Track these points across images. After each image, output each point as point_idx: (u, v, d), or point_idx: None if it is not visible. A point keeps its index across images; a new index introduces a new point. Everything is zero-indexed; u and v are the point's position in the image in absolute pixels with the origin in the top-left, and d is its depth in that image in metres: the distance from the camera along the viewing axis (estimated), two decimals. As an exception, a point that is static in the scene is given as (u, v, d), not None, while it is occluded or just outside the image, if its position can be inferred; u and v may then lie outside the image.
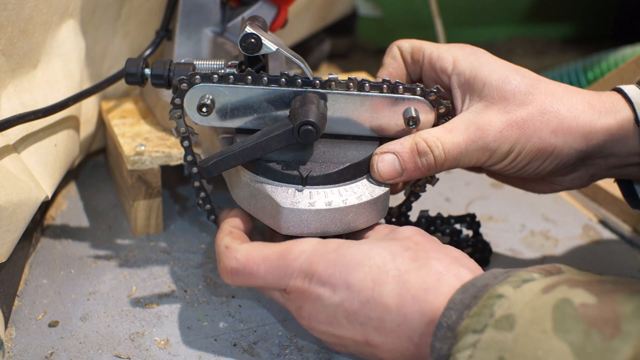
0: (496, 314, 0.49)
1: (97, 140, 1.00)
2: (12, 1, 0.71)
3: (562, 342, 0.44)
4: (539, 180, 0.73)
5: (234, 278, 0.63)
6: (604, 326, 0.44)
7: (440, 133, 0.66)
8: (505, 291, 0.50)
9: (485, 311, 0.49)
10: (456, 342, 0.50)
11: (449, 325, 0.51)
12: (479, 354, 0.48)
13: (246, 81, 0.67)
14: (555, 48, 1.66)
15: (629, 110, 0.66)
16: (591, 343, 0.44)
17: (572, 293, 0.47)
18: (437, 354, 0.51)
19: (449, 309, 0.52)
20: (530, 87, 0.66)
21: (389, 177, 0.66)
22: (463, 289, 0.53)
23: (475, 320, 0.49)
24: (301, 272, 0.60)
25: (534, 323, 0.46)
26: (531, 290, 0.49)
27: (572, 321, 0.45)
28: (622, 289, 0.46)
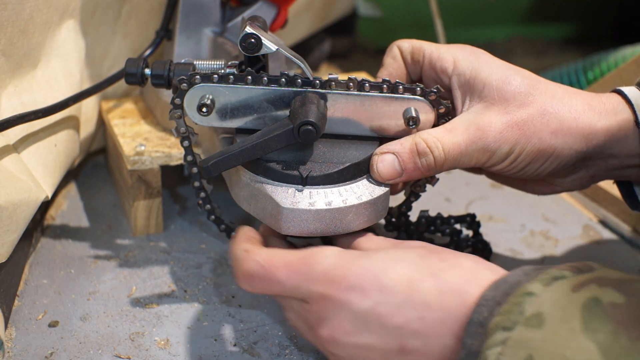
0: (526, 312, 0.48)
1: (97, 140, 1.00)
2: (12, 1, 0.71)
3: (590, 342, 0.45)
4: (538, 181, 0.73)
5: (253, 283, 0.60)
6: (631, 327, 0.44)
7: (441, 133, 0.66)
8: (535, 289, 0.50)
9: (516, 308, 0.49)
10: (486, 339, 0.49)
11: (480, 321, 0.51)
12: (508, 351, 0.47)
13: (246, 81, 0.67)
14: (555, 48, 1.66)
15: (629, 111, 0.66)
16: (618, 343, 0.44)
17: (602, 292, 0.47)
18: (467, 349, 0.51)
19: (480, 305, 0.51)
20: (530, 88, 0.66)
21: (389, 177, 0.66)
22: (495, 285, 0.52)
23: (506, 317, 0.49)
24: (325, 276, 0.57)
25: (563, 322, 0.46)
26: (561, 288, 0.49)
27: (601, 321, 0.45)
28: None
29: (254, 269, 0.59)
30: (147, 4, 0.96)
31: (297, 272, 0.58)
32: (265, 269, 0.59)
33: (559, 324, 0.47)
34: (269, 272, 0.59)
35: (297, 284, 0.58)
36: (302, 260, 0.58)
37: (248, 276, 0.60)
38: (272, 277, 0.59)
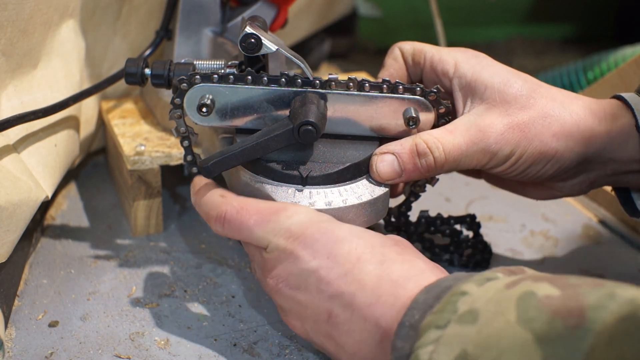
0: (459, 310, 0.48)
1: (97, 140, 1.00)
2: (12, 1, 0.71)
3: (526, 331, 0.44)
4: (538, 185, 0.73)
5: (225, 225, 0.63)
6: (567, 316, 0.43)
7: (441, 134, 0.66)
8: (469, 289, 0.50)
9: (449, 307, 0.49)
10: (418, 339, 0.49)
11: (412, 324, 0.51)
12: (441, 348, 0.47)
13: (246, 81, 0.67)
14: (555, 48, 1.66)
15: (630, 116, 0.66)
16: (555, 331, 0.43)
17: (536, 286, 0.47)
18: (398, 352, 0.51)
19: (412, 309, 0.52)
20: (531, 91, 0.66)
21: (388, 177, 0.66)
22: (426, 289, 0.53)
23: (439, 316, 0.49)
24: (288, 232, 0.60)
25: (498, 314, 0.46)
26: (495, 287, 0.49)
27: (536, 311, 0.45)
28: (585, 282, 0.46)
29: (229, 212, 0.63)
30: (147, 4, 0.96)
31: (265, 221, 0.61)
32: (238, 212, 0.63)
33: (493, 317, 0.46)
34: (241, 216, 0.62)
35: (263, 233, 0.61)
36: (274, 211, 0.62)
37: (222, 218, 0.63)
38: (243, 221, 0.62)
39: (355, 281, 0.56)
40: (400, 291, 0.55)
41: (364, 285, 0.56)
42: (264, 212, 0.62)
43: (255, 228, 0.62)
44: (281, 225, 0.61)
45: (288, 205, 0.62)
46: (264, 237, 0.61)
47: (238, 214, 0.63)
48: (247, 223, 0.62)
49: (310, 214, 0.61)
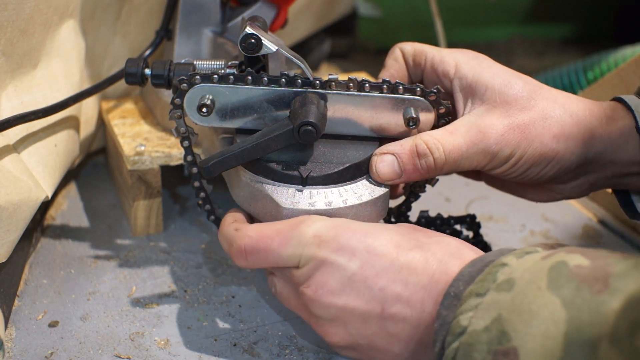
0: (498, 279, 0.51)
1: (97, 140, 1.00)
2: (12, 1, 0.71)
3: (555, 297, 0.47)
4: (538, 187, 0.73)
5: (249, 257, 0.62)
6: (594, 282, 0.46)
7: (441, 135, 0.66)
8: (508, 261, 0.52)
9: (489, 277, 0.52)
10: (460, 306, 0.51)
11: (456, 293, 0.53)
12: (479, 313, 0.50)
13: (246, 81, 0.67)
14: (555, 48, 1.66)
15: (630, 118, 0.67)
16: (581, 296, 0.46)
17: (569, 257, 0.49)
18: (442, 320, 0.53)
19: (457, 280, 0.54)
20: (532, 93, 0.67)
21: (388, 178, 0.66)
22: (472, 263, 0.55)
23: (479, 285, 0.51)
24: (317, 238, 0.59)
25: (531, 283, 0.49)
26: (533, 259, 0.52)
27: (565, 279, 0.48)
28: (615, 255, 0.49)
29: (248, 243, 0.62)
30: (147, 4, 0.96)
31: (289, 238, 0.60)
32: (258, 240, 0.61)
33: (526, 285, 0.49)
34: (262, 243, 0.61)
35: (291, 251, 0.60)
36: (292, 226, 0.61)
37: (243, 251, 0.62)
38: (265, 247, 0.61)
39: (404, 268, 0.57)
40: (450, 267, 0.56)
41: (413, 269, 0.57)
42: (283, 231, 0.61)
43: (281, 250, 0.60)
44: (306, 235, 0.60)
45: (304, 217, 0.61)
46: (293, 254, 0.60)
47: (258, 243, 0.61)
48: (271, 248, 0.61)
49: (328, 220, 0.61)
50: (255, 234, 0.62)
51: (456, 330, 0.51)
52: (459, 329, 0.50)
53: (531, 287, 0.49)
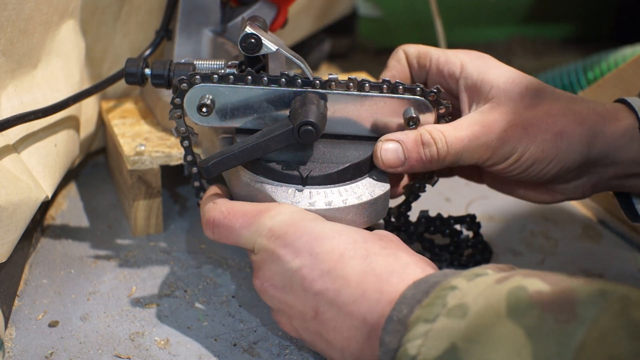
0: (449, 304, 0.48)
1: (97, 140, 1.00)
2: (12, 1, 0.71)
3: (517, 326, 0.44)
4: (540, 187, 0.73)
5: (215, 231, 0.65)
6: (558, 311, 0.43)
7: (445, 127, 0.66)
8: (458, 283, 0.50)
9: (438, 302, 0.49)
10: (406, 333, 0.49)
11: (400, 318, 0.51)
12: (430, 342, 0.47)
13: (246, 81, 0.67)
14: (555, 48, 1.66)
15: (633, 118, 0.67)
16: (546, 326, 0.43)
17: (527, 281, 0.47)
18: (386, 347, 0.51)
19: (399, 303, 0.52)
20: (536, 91, 0.67)
21: (392, 164, 0.66)
22: (415, 285, 0.53)
23: (427, 310, 0.49)
24: (270, 232, 0.61)
25: (487, 309, 0.46)
26: (485, 282, 0.49)
27: (526, 306, 0.45)
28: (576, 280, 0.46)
29: (216, 217, 0.64)
30: (147, 4, 0.96)
31: (249, 223, 0.62)
32: (225, 216, 0.64)
33: (483, 311, 0.46)
34: (227, 220, 0.64)
35: (248, 235, 0.62)
36: (257, 212, 0.62)
37: (211, 223, 0.65)
38: (230, 224, 0.63)
39: (340, 277, 0.57)
40: (385, 286, 0.55)
41: (348, 281, 0.56)
42: (249, 214, 0.63)
43: (241, 231, 0.63)
44: (264, 225, 0.61)
45: (272, 206, 0.63)
46: (249, 239, 0.62)
47: (225, 218, 0.64)
48: (234, 227, 0.63)
49: (293, 213, 0.62)
50: (225, 209, 0.64)
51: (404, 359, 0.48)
52: (406, 358, 0.48)
53: (489, 314, 0.45)
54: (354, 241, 0.59)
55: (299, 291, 0.59)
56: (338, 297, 0.56)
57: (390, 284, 0.55)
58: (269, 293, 0.61)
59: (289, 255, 0.59)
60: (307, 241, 0.59)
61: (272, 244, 0.60)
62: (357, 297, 0.55)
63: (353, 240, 0.59)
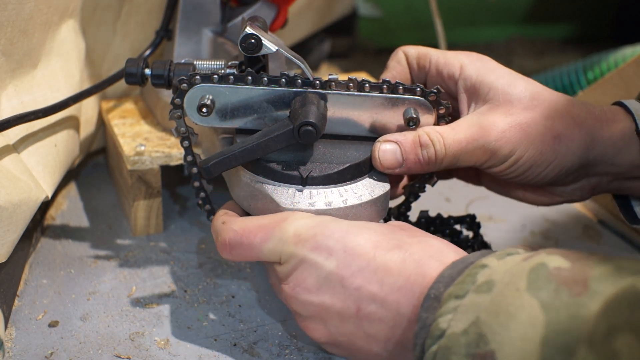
0: (478, 281, 0.51)
1: (97, 140, 1.00)
2: (12, 1, 0.71)
3: (533, 299, 0.47)
4: (539, 190, 0.73)
5: (233, 251, 0.63)
6: (573, 285, 0.46)
7: (443, 129, 0.66)
8: (489, 262, 0.52)
9: (469, 279, 0.51)
10: (439, 308, 0.51)
11: (436, 295, 0.52)
12: (458, 316, 0.49)
13: (246, 81, 0.67)
14: (555, 48, 1.66)
15: (630, 121, 0.67)
16: (559, 299, 0.46)
17: (549, 258, 0.49)
18: (422, 323, 0.52)
19: (437, 282, 0.53)
20: (535, 94, 0.67)
21: (389, 166, 0.66)
22: (453, 264, 0.54)
23: (459, 287, 0.51)
24: (296, 237, 0.60)
25: (510, 284, 0.49)
26: (513, 260, 0.51)
27: (544, 281, 0.48)
28: (596, 256, 0.49)
29: (231, 237, 0.63)
30: (147, 4, 0.96)
31: (270, 235, 0.61)
32: (241, 234, 0.62)
33: (505, 287, 0.49)
34: (244, 237, 0.62)
35: (272, 247, 0.61)
36: (275, 222, 0.61)
37: (227, 245, 0.63)
38: (248, 241, 0.62)
39: (380, 269, 0.57)
40: (427, 269, 0.56)
41: (389, 270, 0.57)
42: (266, 227, 0.62)
43: (263, 245, 0.61)
44: (287, 232, 0.60)
45: (288, 214, 0.62)
46: (273, 250, 0.61)
47: (242, 237, 0.62)
48: (253, 243, 0.62)
49: (313, 217, 0.62)
50: (239, 228, 0.63)
51: (435, 333, 0.50)
52: (438, 331, 0.50)
53: (510, 289, 0.48)
54: (382, 233, 0.59)
55: (337, 290, 0.58)
56: (381, 288, 0.57)
57: (431, 267, 0.56)
58: (301, 298, 0.60)
59: (322, 256, 0.59)
60: (337, 239, 0.59)
61: (301, 248, 0.59)
62: (401, 285, 0.56)
63: (381, 232, 0.59)
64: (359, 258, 0.58)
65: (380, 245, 0.58)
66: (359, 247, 0.58)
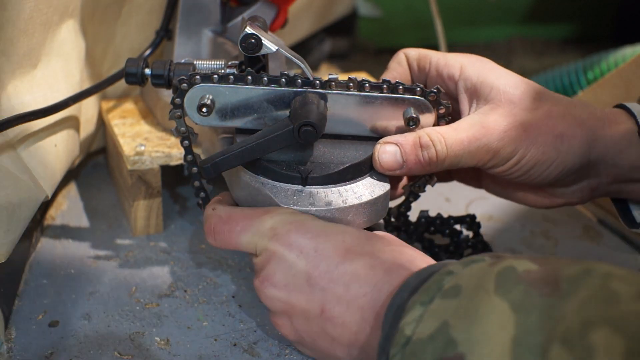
0: (444, 287, 0.50)
1: (97, 140, 1.00)
2: (12, 1, 0.71)
3: (502, 301, 0.46)
4: (539, 191, 0.73)
5: (216, 237, 0.64)
6: (543, 286, 0.46)
7: (444, 129, 0.66)
8: (455, 269, 0.52)
9: (434, 286, 0.51)
10: (404, 317, 0.50)
11: (399, 304, 0.52)
12: (424, 322, 0.49)
13: (246, 81, 0.67)
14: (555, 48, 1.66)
15: (632, 123, 0.67)
16: (529, 299, 0.45)
17: (517, 262, 0.49)
18: (385, 332, 0.52)
19: (401, 291, 0.53)
20: (536, 94, 0.67)
21: (390, 167, 0.66)
22: (417, 274, 0.54)
23: (424, 294, 0.51)
24: (272, 231, 0.61)
25: (478, 288, 0.48)
26: (479, 266, 0.51)
27: (513, 283, 0.47)
28: (565, 260, 0.48)
29: (216, 223, 0.64)
30: (147, 4, 0.96)
31: (249, 225, 0.62)
32: (225, 221, 0.63)
33: (473, 291, 0.48)
34: (227, 225, 0.63)
35: (249, 238, 0.62)
36: (257, 215, 0.62)
37: (211, 230, 0.64)
38: (229, 229, 0.63)
39: (348, 273, 0.57)
40: (394, 278, 0.56)
41: (357, 276, 0.57)
42: (248, 217, 0.63)
43: (241, 234, 0.62)
44: (264, 226, 0.61)
45: (271, 208, 0.63)
46: (250, 241, 0.62)
47: (225, 224, 0.63)
48: (233, 231, 0.63)
49: (294, 214, 0.62)
50: (224, 215, 0.64)
51: (400, 340, 0.49)
52: (402, 339, 0.49)
53: (478, 292, 0.48)
54: (357, 238, 0.60)
55: (304, 288, 0.58)
56: (347, 291, 0.57)
57: (400, 275, 0.55)
58: (269, 293, 0.61)
59: (293, 253, 0.59)
60: (310, 238, 0.59)
61: (274, 243, 0.60)
62: (367, 290, 0.56)
63: (357, 237, 0.60)
64: (329, 260, 0.58)
65: (351, 250, 0.58)
66: (330, 249, 0.58)
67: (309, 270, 0.58)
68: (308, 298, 0.58)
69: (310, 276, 0.58)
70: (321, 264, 0.58)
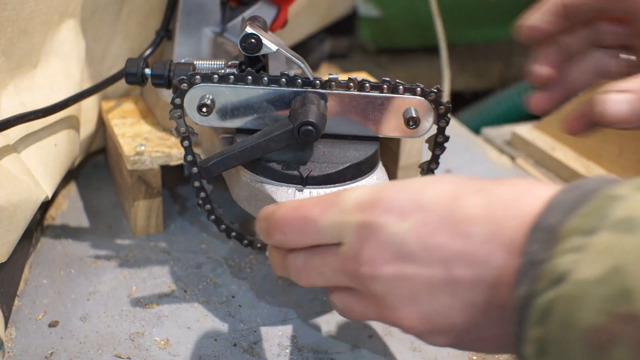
0: (612, 216, 0.39)
1: (97, 140, 1.00)
2: (12, 1, 0.71)
3: None
4: None
5: (286, 228, 0.53)
6: None
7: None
8: (623, 192, 0.40)
9: (596, 213, 0.40)
10: (558, 244, 0.40)
11: (550, 225, 0.41)
12: (588, 258, 0.38)
13: (246, 81, 0.67)
14: (555, 48, 1.65)
15: None
16: None
17: None
18: (529, 257, 0.41)
19: (550, 209, 0.42)
20: None
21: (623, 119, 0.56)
22: (567, 189, 0.43)
23: (585, 220, 0.40)
24: (359, 205, 0.49)
25: None
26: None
27: None
28: None
29: (287, 213, 0.53)
30: (147, 5, 0.96)
31: (329, 206, 0.51)
32: (298, 210, 0.53)
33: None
34: (302, 212, 0.52)
35: (331, 219, 0.51)
36: (334, 195, 0.52)
37: (281, 223, 0.53)
38: (305, 216, 0.52)
39: (463, 219, 0.46)
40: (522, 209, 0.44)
41: (474, 219, 0.46)
42: (324, 199, 0.52)
43: (321, 218, 0.51)
44: (348, 201, 0.50)
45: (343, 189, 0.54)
46: (333, 223, 0.50)
47: (297, 211, 0.53)
48: (309, 216, 0.52)
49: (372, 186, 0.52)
50: (295, 204, 0.54)
51: (552, 275, 0.39)
52: (555, 274, 0.39)
53: None
54: (457, 182, 0.49)
55: (419, 253, 0.47)
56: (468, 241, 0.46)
57: (525, 205, 0.44)
58: (383, 274, 0.48)
59: (394, 219, 0.48)
60: (407, 197, 0.48)
61: (366, 216, 0.49)
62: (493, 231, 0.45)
63: (456, 182, 0.49)
64: (436, 212, 0.47)
65: (459, 193, 0.47)
66: (435, 200, 0.48)
67: (419, 231, 0.47)
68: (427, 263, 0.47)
69: (421, 236, 0.47)
70: (430, 220, 0.47)
